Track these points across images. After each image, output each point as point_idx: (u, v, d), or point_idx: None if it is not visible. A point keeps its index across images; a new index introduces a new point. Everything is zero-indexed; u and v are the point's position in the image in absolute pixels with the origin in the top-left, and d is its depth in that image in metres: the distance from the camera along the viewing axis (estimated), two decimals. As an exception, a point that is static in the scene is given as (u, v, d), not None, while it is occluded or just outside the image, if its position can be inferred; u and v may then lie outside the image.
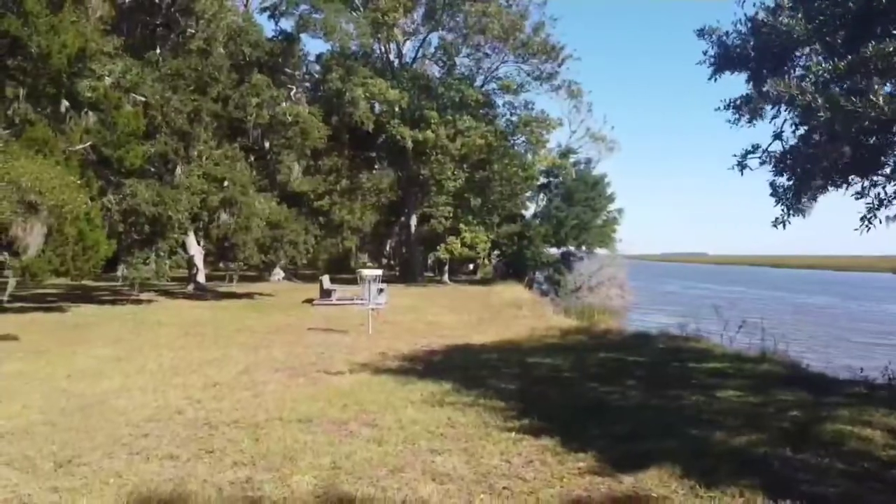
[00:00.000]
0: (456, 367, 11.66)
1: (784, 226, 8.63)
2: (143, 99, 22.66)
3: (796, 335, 19.50)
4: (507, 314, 21.49)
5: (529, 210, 45.45)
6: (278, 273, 38.74)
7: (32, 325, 17.51)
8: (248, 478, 5.88)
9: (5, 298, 17.28)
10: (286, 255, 26.94)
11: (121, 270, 23.69)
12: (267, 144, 35.73)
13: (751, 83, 9.24)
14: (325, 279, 25.93)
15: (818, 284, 68.46)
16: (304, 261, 28.67)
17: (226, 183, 25.78)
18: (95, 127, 21.37)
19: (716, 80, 9.15)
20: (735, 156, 9.12)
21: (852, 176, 8.53)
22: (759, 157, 9.29)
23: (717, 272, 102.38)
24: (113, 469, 6.15)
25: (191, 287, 29.95)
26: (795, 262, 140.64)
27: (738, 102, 9.11)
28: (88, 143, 21.04)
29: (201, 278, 30.12)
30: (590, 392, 9.59)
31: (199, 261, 30.02)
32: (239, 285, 33.83)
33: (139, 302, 24.45)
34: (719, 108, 9.30)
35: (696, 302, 40.28)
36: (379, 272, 16.91)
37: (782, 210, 8.56)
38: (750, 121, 9.01)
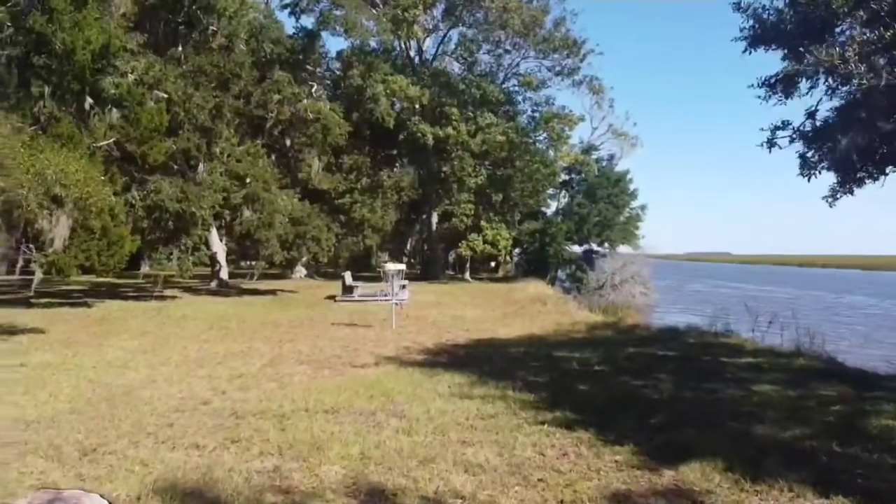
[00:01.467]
0: (482, 359, 11.47)
1: (835, 200, 8.34)
2: (165, 96, 22.73)
3: (832, 332, 19.00)
4: (532, 309, 21.23)
5: (551, 207, 45.15)
6: (300, 270, 38.80)
7: (59, 318, 17.60)
8: (276, 467, 5.73)
9: (31, 293, 17.37)
10: (308, 252, 26.91)
11: (144, 266, 23.74)
12: (288, 142, 35.90)
13: (786, 59, 8.95)
14: (348, 275, 25.87)
15: (850, 283, 67.15)
16: (325, 258, 28.58)
17: (248, 180, 25.81)
18: (119, 123, 21.48)
19: (751, 52, 8.85)
20: (763, 129, 8.84)
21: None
22: (790, 135, 9.01)
23: (743, 271, 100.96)
24: (138, 457, 6.04)
25: (214, 284, 30.04)
26: (821, 261, 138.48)
27: (772, 80, 8.82)
28: (112, 140, 21.14)
29: (224, 275, 30.21)
30: (622, 385, 9.33)
31: (221, 257, 30.10)
32: (262, 282, 33.88)
33: (163, 298, 24.53)
34: (753, 85, 9.02)
35: (725, 300, 39.72)
36: (402, 266, 16.78)
37: (835, 184, 8.27)
38: (784, 96, 8.71)
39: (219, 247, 30.01)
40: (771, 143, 8.86)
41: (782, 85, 8.54)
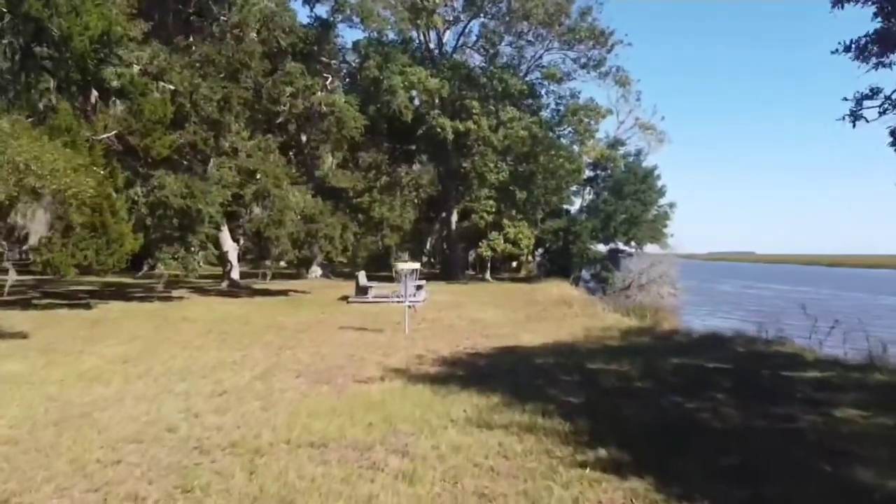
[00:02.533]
0: (505, 373, 9.89)
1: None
2: (171, 87, 21.47)
3: (888, 337, 17.11)
4: (557, 312, 19.60)
5: (575, 205, 43.40)
6: (316, 270, 37.49)
7: (52, 321, 16.34)
8: (228, 535, 4.22)
9: (4, 295, 16.16)
10: (321, 251, 25.51)
11: (147, 266, 22.51)
12: (304, 138, 34.59)
13: (879, 18, 7.25)
14: (362, 275, 24.42)
15: (885, 284, 64.25)
16: (340, 257, 27.19)
17: (258, 175, 24.47)
18: (122, 115, 20.26)
19: (842, 6, 7.18)
20: (847, 99, 7.17)
21: None
22: (880, 106, 7.32)
23: (770, 271, 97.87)
24: (54, 516, 4.58)
25: (224, 284, 28.80)
26: (852, 261, 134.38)
27: (863, 41, 7.14)
28: (113, 132, 19.90)
29: (235, 275, 28.96)
30: (674, 408, 7.71)
31: (232, 257, 28.85)
32: (274, 282, 32.63)
33: (169, 299, 23.30)
34: (837, 50, 7.35)
35: (761, 302, 37.70)
36: (416, 265, 15.27)
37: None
38: (880, 60, 7.02)
39: (230, 246, 28.77)
40: (856, 116, 7.20)
41: (878, 46, 6.87)
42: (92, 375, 9.72)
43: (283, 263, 38.54)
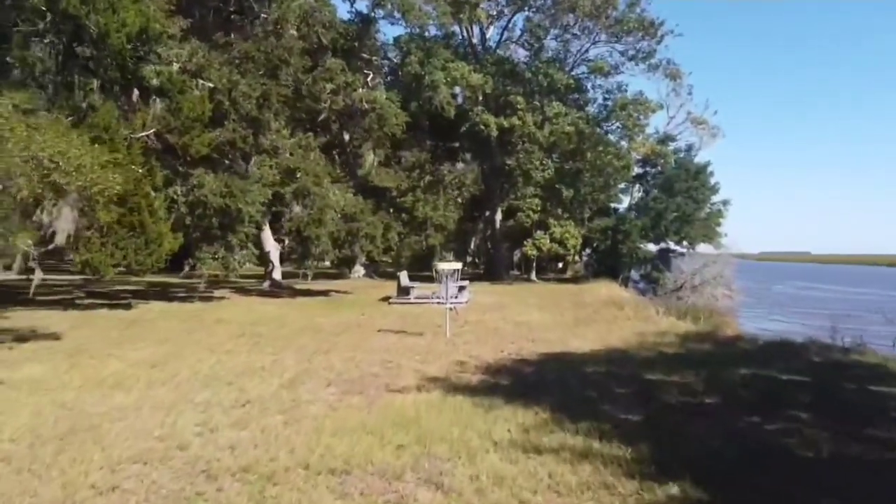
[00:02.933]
0: (553, 383, 8.97)
1: None
2: (210, 85, 21.14)
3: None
4: (607, 314, 18.50)
5: (623, 203, 41.94)
6: (359, 270, 37.03)
7: (89, 321, 16.07)
8: None
9: (30, 295, 15.93)
10: (362, 250, 24.92)
11: (188, 266, 22.22)
12: (347, 137, 34.14)
13: None
14: (403, 275, 23.70)
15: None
16: (384, 257, 26.53)
17: (298, 174, 24.00)
18: (161, 113, 19.99)
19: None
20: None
21: None
22: None
23: (827, 272, 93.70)
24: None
25: (266, 284, 28.48)
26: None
27: None
28: (152, 131, 19.63)
29: (277, 275, 28.61)
30: (750, 430, 6.67)
31: (274, 257, 28.51)
32: (317, 282, 32.24)
33: (210, 299, 23.02)
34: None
35: (823, 304, 35.68)
36: (458, 265, 14.42)
37: None
38: None
39: (272, 246, 28.43)
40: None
41: None
42: (113, 381, 9.17)
43: (326, 263, 38.30)
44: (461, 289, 22.85)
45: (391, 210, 47.84)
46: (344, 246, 24.50)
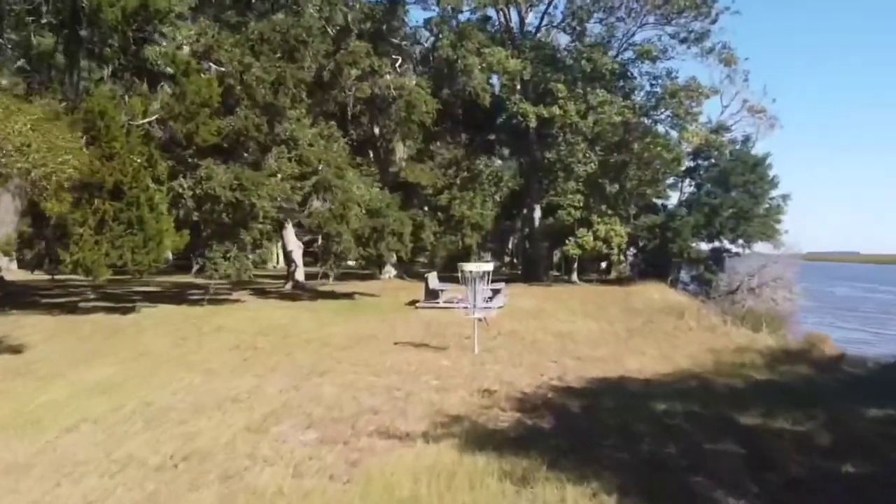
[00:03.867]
0: (614, 431, 6.43)
1: None
2: (220, 69, 19.09)
3: None
4: (665, 324, 15.75)
5: (671, 199, 38.74)
6: (390, 271, 34.70)
7: (72, 329, 14.07)
8: None
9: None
10: (388, 249, 22.56)
11: (197, 266, 20.24)
12: (377, 130, 31.91)
13: None
14: (432, 277, 21.27)
15: None
16: (415, 256, 24.16)
17: (320, 166, 21.79)
18: (165, 99, 17.99)
19: None
20: None
21: None
22: None
23: (880, 272, 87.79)
24: None
25: (289, 286, 26.41)
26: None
27: None
28: (154, 117, 17.62)
29: (300, 275, 26.51)
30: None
31: (297, 256, 26.42)
32: (344, 283, 30.06)
33: (223, 302, 21.01)
34: None
35: (891, 308, 32.08)
36: (489, 267, 11.84)
37: None
38: None
39: (294, 244, 26.36)
40: None
41: None
42: (33, 416, 6.97)
43: (351, 263, 36.21)
44: (496, 292, 20.32)
45: (425, 208, 45.70)
46: (369, 244, 22.18)
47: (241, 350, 11.69)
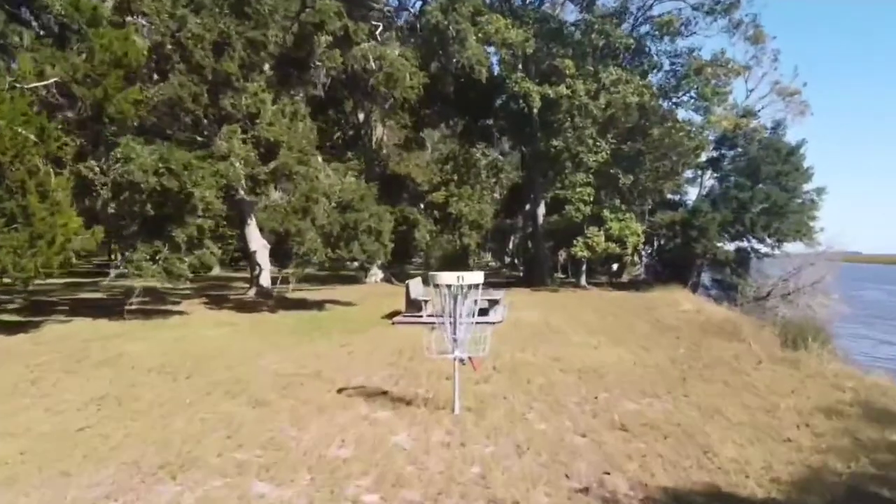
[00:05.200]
0: None
1: None
2: (144, 24, 14.95)
3: None
4: (719, 350, 11.50)
5: (689, 193, 34.55)
6: (376, 273, 30.51)
7: None
8: None
9: None
10: (363, 250, 18.31)
11: (114, 269, 16.10)
12: (361, 116, 27.69)
13: None
14: (415, 284, 17.00)
15: None
16: (384, 257, 19.87)
17: (281, 150, 17.60)
18: (72, 59, 13.79)
19: None
20: None
21: None
22: None
23: (890, 273, 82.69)
24: None
25: (252, 292, 22.20)
26: None
27: None
28: (53, 80, 13.41)
29: (265, 280, 22.26)
30: None
31: (262, 258, 22.15)
32: (320, 289, 25.92)
33: (156, 314, 16.86)
34: None
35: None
36: (477, 277, 7.49)
37: None
38: None
39: (259, 244, 22.11)
40: None
41: None
42: None
43: (350, 264, 32.07)
44: (493, 303, 16.12)
45: (420, 205, 41.51)
46: (338, 245, 17.95)
47: (93, 406, 7.48)
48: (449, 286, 6.97)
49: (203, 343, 12.32)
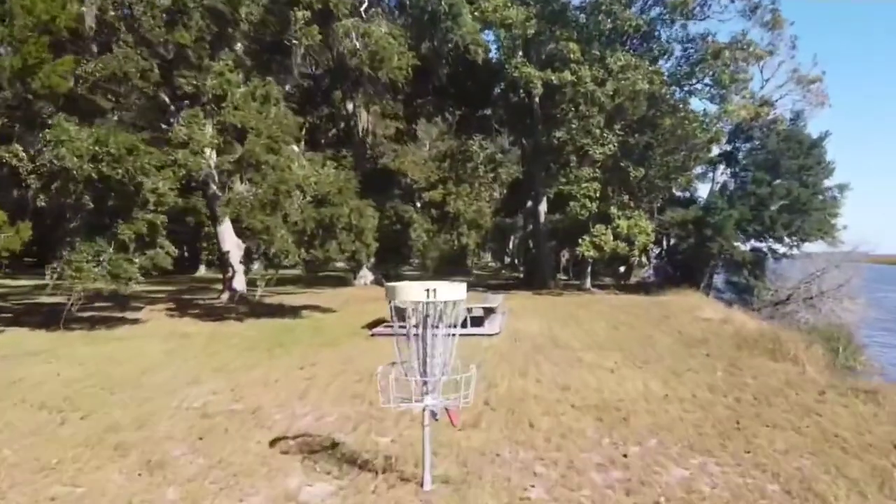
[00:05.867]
0: None
1: None
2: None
3: None
4: (762, 371, 9.24)
5: (698, 190, 32.25)
6: (366, 276, 28.25)
7: None
8: None
9: None
10: (342, 250, 16.05)
11: (51, 273, 13.87)
12: (351, 106, 25.44)
13: None
14: (398, 291, 14.78)
15: None
16: (368, 259, 17.62)
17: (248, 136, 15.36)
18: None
19: None
20: None
21: None
22: None
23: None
24: None
25: (224, 297, 20.01)
26: None
27: None
28: (-37, 47, 11.21)
29: (239, 283, 20.04)
30: None
31: (235, 258, 19.93)
32: (304, 293, 23.76)
33: (117, 323, 14.67)
34: None
35: None
36: (457, 293, 5.29)
37: None
38: None
39: (232, 243, 19.90)
40: None
41: None
42: None
43: (341, 264, 29.83)
44: (489, 312, 13.85)
45: (417, 204, 39.32)
46: (312, 244, 15.68)
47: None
48: (415, 304, 4.73)
49: (134, 363, 10.07)
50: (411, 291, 4.67)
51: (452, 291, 4.72)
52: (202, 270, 39.61)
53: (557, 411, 7.18)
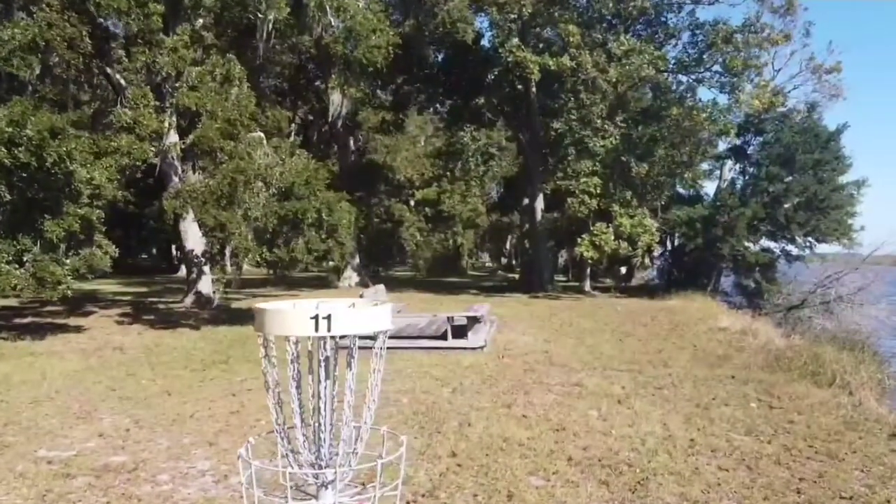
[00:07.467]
0: None
1: None
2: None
3: None
4: (807, 402, 7.29)
5: (704, 188, 30.26)
6: (350, 277, 26.28)
7: None
8: None
9: None
10: (309, 249, 14.09)
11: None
12: (336, 97, 23.46)
13: None
14: (374, 292, 12.79)
15: None
16: (342, 259, 15.66)
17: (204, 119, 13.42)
18: None
19: None
20: None
21: None
22: None
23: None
24: None
25: (188, 300, 18.03)
26: None
27: None
28: None
29: (205, 286, 18.06)
30: None
31: (201, 258, 17.96)
32: (280, 295, 21.72)
33: (49, 331, 12.71)
34: None
35: None
36: (368, 320, 3.53)
37: None
38: None
39: (196, 242, 17.92)
40: None
41: None
42: None
43: (331, 263, 27.86)
44: (473, 321, 11.86)
45: (411, 202, 37.32)
46: (275, 242, 13.70)
47: None
48: (299, 341, 2.76)
49: (28, 388, 8.10)
50: (288, 320, 2.66)
51: (361, 317, 2.74)
52: (183, 271, 37.61)
53: (549, 469, 5.21)
